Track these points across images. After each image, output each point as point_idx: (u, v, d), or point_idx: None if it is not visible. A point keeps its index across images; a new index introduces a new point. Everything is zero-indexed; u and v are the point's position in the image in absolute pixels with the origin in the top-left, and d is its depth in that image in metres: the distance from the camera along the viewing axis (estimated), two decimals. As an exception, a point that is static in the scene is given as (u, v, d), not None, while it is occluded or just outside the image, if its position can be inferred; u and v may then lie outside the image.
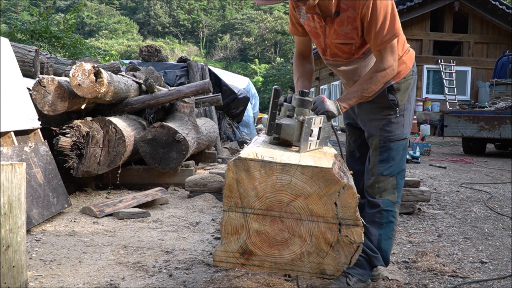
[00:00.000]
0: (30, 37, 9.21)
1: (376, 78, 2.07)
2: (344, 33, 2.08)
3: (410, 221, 3.78)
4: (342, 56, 2.19)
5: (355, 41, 2.09)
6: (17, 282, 1.79)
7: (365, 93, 2.09)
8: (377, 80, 2.08)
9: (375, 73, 2.08)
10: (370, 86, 2.08)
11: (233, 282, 2.21)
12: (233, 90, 9.14)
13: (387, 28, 2.00)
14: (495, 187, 5.54)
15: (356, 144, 2.50)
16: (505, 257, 2.86)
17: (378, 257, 2.22)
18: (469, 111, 9.46)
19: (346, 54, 2.17)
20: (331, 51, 2.20)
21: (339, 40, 2.12)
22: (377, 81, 2.08)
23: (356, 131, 2.46)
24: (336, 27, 2.08)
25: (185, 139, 4.70)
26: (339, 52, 2.17)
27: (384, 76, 2.08)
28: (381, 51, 2.06)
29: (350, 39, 2.09)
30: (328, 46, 2.18)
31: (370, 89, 2.09)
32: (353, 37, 2.08)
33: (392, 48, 2.06)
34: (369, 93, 2.10)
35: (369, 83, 2.08)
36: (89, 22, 55.26)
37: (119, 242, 2.95)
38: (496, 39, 17.13)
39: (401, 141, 2.26)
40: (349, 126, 2.52)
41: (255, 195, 1.72)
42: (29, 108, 3.68)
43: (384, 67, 2.06)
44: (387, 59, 2.06)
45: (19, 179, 1.80)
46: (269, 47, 50.28)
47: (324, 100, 2.01)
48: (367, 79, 2.09)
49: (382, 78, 2.08)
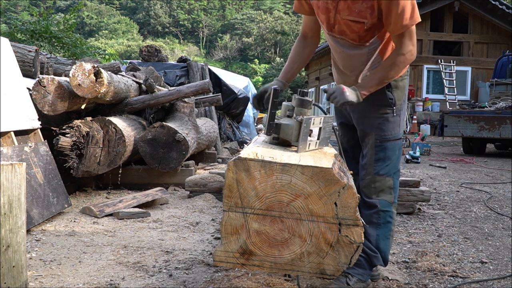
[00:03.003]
0: (30, 37, 9.21)
1: (396, 64, 2.05)
2: (358, 10, 2.03)
3: (410, 221, 3.78)
4: (350, 35, 2.12)
5: (367, 20, 2.04)
6: (17, 282, 1.79)
7: (385, 79, 2.09)
8: (397, 65, 2.06)
9: (395, 58, 2.06)
10: (390, 73, 2.07)
11: (233, 282, 2.21)
12: (233, 90, 9.14)
13: (409, 13, 1.98)
14: (495, 187, 5.53)
15: (350, 145, 2.46)
16: (505, 257, 2.86)
17: (377, 257, 2.21)
18: (469, 111, 9.46)
19: (354, 34, 2.11)
20: (340, 28, 2.13)
21: (351, 17, 2.06)
22: (397, 67, 2.06)
23: (349, 131, 2.42)
24: (350, 2, 2.03)
25: (185, 139, 4.70)
26: (348, 30, 2.11)
27: (403, 62, 2.06)
28: (401, 36, 2.03)
29: (362, 17, 2.04)
30: (338, 22, 2.11)
31: (390, 75, 2.08)
32: (366, 16, 2.03)
33: (411, 33, 2.04)
34: (389, 79, 2.10)
35: (389, 69, 2.06)
36: (89, 22, 55.27)
37: (119, 242, 2.95)
38: (496, 39, 17.12)
39: (397, 140, 2.25)
40: (342, 125, 2.48)
41: (255, 195, 1.72)
42: (29, 108, 3.68)
43: (403, 52, 2.04)
44: (407, 44, 2.04)
45: (19, 179, 1.80)
46: (269, 47, 50.24)
47: (344, 91, 1.99)
48: (387, 65, 2.07)
49: (401, 64, 2.06)
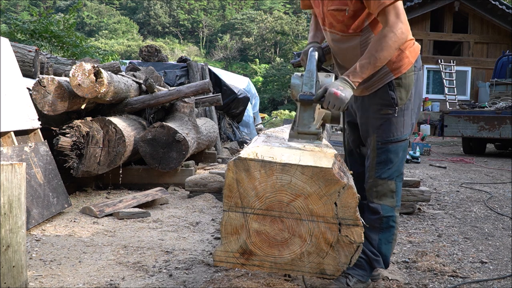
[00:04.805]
0: (30, 37, 9.21)
1: (387, 44, 1.89)
2: None
3: (410, 221, 3.78)
4: (337, 26, 2.07)
5: (348, 7, 1.97)
6: (17, 282, 1.79)
7: (378, 62, 1.92)
8: (388, 45, 1.89)
9: (383, 39, 1.90)
10: (382, 54, 1.90)
11: (233, 282, 2.21)
12: (233, 90, 9.14)
13: None
14: (495, 187, 5.53)
15: (355, 144, 2.38)
16: (505, 257, 2.86)
17: (379, 260, 2.18)
18: (469, 111, 9.46)
19: (340, 24, 2.05)
20: (328, 21, 2.10)
21: (333, 6, 2.01)
22: (388, 47, 1.90)
23: (356, 130, 2.32)
24: None
25: (185, 139, 4.70)
26: (334, 21, 2.07)
27: (395, 40, 1.90)
28: (384, 12, 1.90)
29: (343, 4, 1.98)
30: (326, 15, 2.09)
31: (383, 57, 1.91)
32: (346, 2, 1.97)
33: (397, 9, 1.90)
34: (382, 62, 1.93)
35: (380, 51, 1.90)
36: (89, 22, 55.25)
37: (119, 242, 2.95)
38: (496, 39, 17.12)
39: (400, 142, 2.14)
40: (349, 124, 2.38)
41: (255, 195, 1.72)
42: (29, 108, 3.68)
43: (391, 29, 1.89)
44: (393, 21, 1.89)
45: (19, 179, 1.80)
46: (269, 47, 50.26)
47: (337, 94, 1.86)
48: (376, 47, 1.91)
49: (393, 43, 1.90)
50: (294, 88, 1.96)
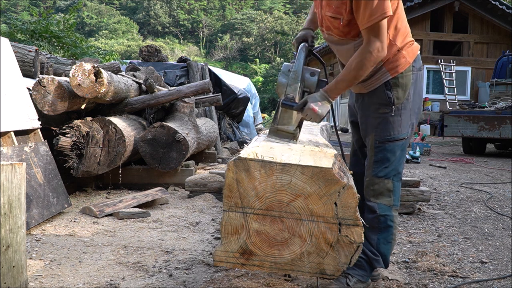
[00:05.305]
0: (30, 37, 9.21)
1: (363, 63, 1.96)
2: (335, 6, 2.02)
3: (410, 221, 3.78)
4: (334, 31, 2.11)
5: (343, 16, 2.01)
6: (17, 282, 1.79)
7: (354, 80, 2.01)
8: (363, 64, 1.96)
9: (360, 57, 1.97)
10: (358, 72, 1.98)
11: (233, 282, 2.21)
12: (233, 90, 9.14)
13: (376, 5, 1.89)
14: (495, 187, 5.53)
15: (359, 144, 2.40)
16: (505, 257, 2.86)
17: (378, 260, 2.19)
18: (469, 111, 9.46)
19: (336, 30, 2.09)
20: (326, 24, 2.14)
21: (329, 13, 2.06)
22: (364, 66, 1.97)
23: (359, 130, 2.33)
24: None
25: (185, 139, 4.70)
26: (331, 26, 2.10)
27: (370, 60, 1.96)
28: (368, 30, 1.94)
29: (338, 13, 2.02)
30: (323, 18, 2.13)
31: (358, 75, 1.99)
32: (341, 12, 2.00)
33: (380, 28, 1.94)
34: (358, 79, 2.01)
35: (355, 69, 1.98)
36: (89, 22, 55.26)
37: (119, 242, 2.95)
38: (496, 39, 17.12)
39: (398, 141, 2.14)
40: (352, 124, 2.41)
41: (255, 195, 1.72)
42: (29, 108, 3.68)
43: (369, 49, 1.95)
44: (373, 41, 1.94)
45: (19, 179, 1.80)
46: (269, 47, 50.27)
47: (314, 110, 1.98)
48: (354, 65, 1.98)
49: (368, 62, 1.96)
50: (279, 87, 2.09)
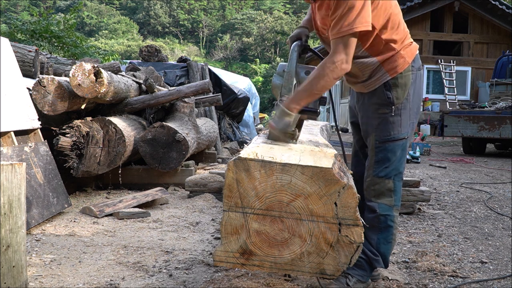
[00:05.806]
0: (30, 37, 9.22)
1: (325, 73, 1.93)
2: (321, 16, 2.05)
3: (410, 221, 3.78)
4: (326, 35, 2.11)
5: (327, 27, 2.03)
6: (17, 282, 1.79)
7: (315, 90, 1.96)
8: (325, 75, 1.93)
9: (323, 68, 1.95)
10: (319, 82, 1.94)
11: (233, 282, 2.21)
12: (233, 90, 9.15)
13: (347, 20, 1.89)
14: (495, 187, 5.54)
15: (360, 145, 2.40)
16: (505, 257, 2.86)
17: (378, 260, 2.19)
18: (469, 111, 9.45)
19: (328, 39, 2.08)
20: (318, 29, 2.19)
21: (319, 24, 2.11)
22: (325, 76, 1.93)
23: (360, 131, 2.34)
24: (317, 9, 2.08)
25: (185, 139, 4.70)
26: (323, 30, 2.14)
27: (333, 71, 1.93)
28: (335, 42, 1.94)
29: (324, 25, 2.06)
30: (316, 24, 2.18)
31: (319, 86, 1.95)
32: (327, 23, 2.03)
33: (348, 43, 1.92)
34: (319, 90, 1.96)
35: (317, 80, 1.94)
36: (89, 22, 55.26)
37: (119, 242, 2.95)
38: (496, 39, 17.12)
39: (398, 141, 2.15)
40: (353, 125, 2.41)
41: (255, 195, 1.72)
42: (29, 108, 3.68)
43: (333, 60, 1.93)
44: (339, 53, 1.92)
45: (19, 179, 1.80)
46: (269, 47, 50.27)
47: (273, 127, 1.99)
48: (316, 75, 1.95)
49: (331, 73, 1.93)
50: (274, 89, 2.13)
